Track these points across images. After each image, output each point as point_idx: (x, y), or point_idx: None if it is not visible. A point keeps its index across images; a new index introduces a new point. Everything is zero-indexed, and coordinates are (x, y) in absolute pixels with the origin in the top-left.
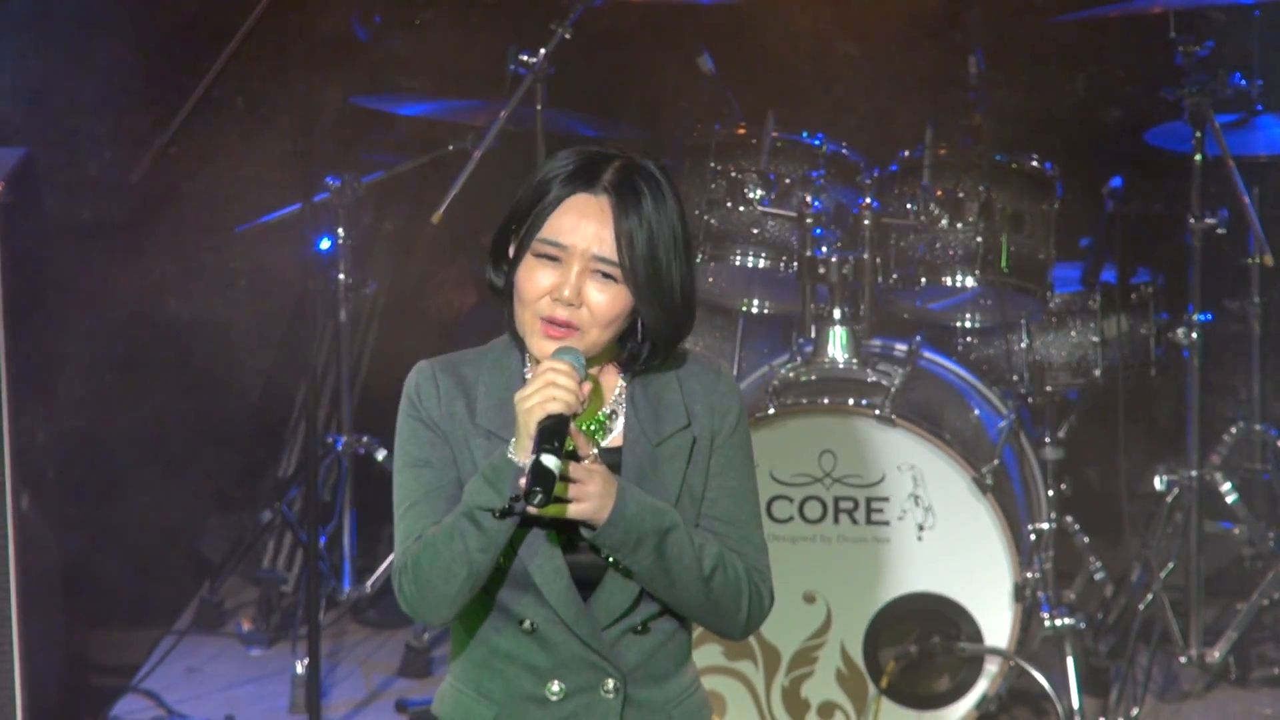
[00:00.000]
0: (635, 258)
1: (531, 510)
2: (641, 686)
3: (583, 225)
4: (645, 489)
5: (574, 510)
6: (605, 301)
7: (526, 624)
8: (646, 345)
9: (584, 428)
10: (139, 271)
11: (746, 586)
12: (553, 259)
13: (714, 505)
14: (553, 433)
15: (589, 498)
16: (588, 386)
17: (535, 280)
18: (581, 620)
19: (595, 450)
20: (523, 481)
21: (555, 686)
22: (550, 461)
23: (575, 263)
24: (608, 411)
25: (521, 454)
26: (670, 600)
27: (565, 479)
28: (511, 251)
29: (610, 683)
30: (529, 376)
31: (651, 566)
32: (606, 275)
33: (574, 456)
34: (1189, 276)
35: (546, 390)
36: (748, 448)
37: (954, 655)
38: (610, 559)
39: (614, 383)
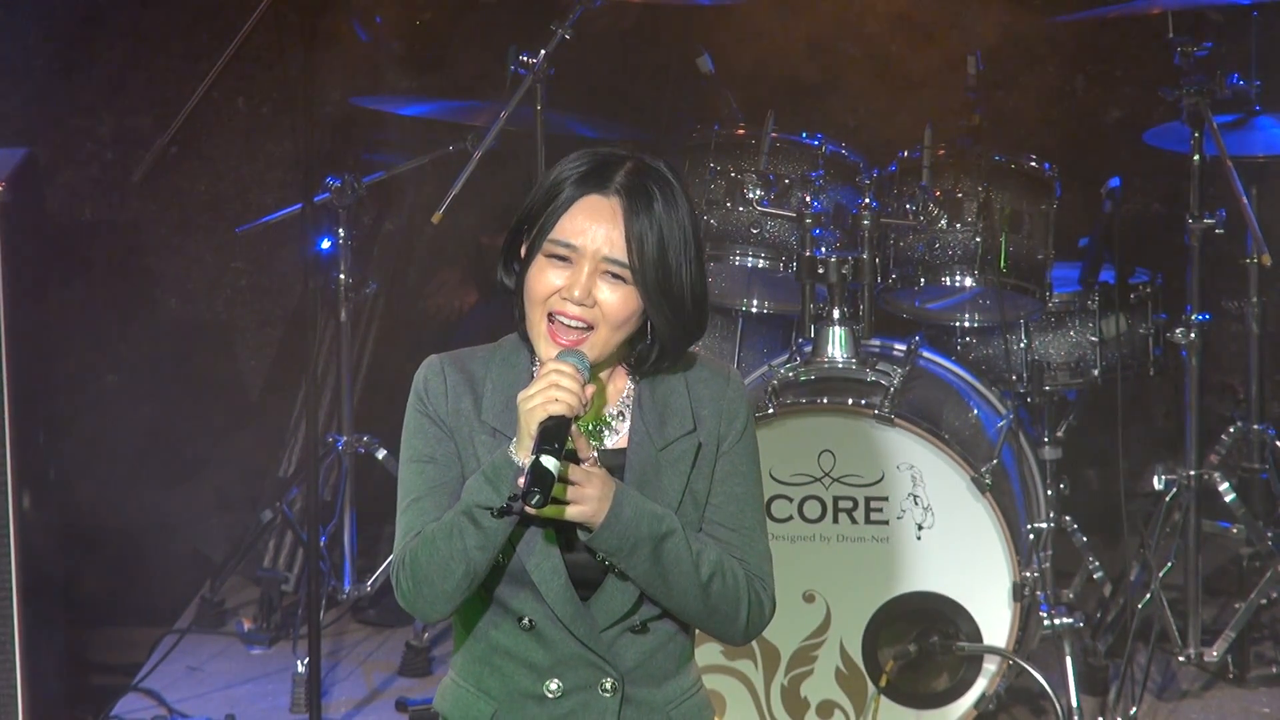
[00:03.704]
0: (645, 260)
1: (529, 510)
2: (640, 686)
3: (593, 227)
4: (647, 493)
5: (570, 512)
6: (616, 301)
7: (525, 621)
8: (655, 348)
9: (585, 429)
10: (139, 271)
11: (746, 594)
12: (563, 259)
13: (718, 511)
14: (554, 434)
15: (586, 500)
16: (591, 389)
17: (545, 279)
18: (579, 620)
19: (595, 453)
20: (520, 480)
21: (554, 684)
22: (550, 463)
23: (585, 263)
24: (614, 413)
25: (522, 453)
26: (665, 603)
27: (564, 480)
28: (523, 252)
29: (608, 682)
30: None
31: (648, 571)
32: (616, 276)
33: (574, 458)
34: (1187, 276)
35: (549, 391)
36: (754, 453)
37: (953, 654)
38: (607, 562)
39: (622, 385)
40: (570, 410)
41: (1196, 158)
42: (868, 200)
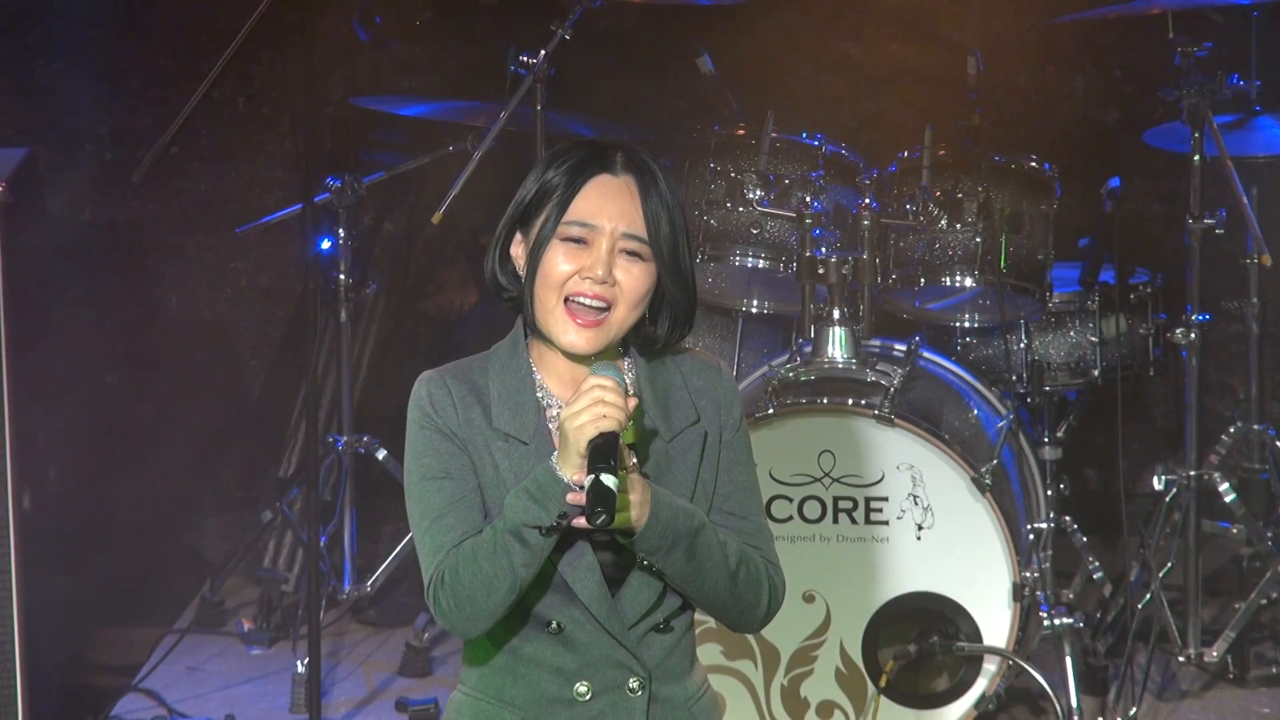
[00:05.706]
0: (662, 234)
1: (590, 526)
2: (663, 684)
3: (609, 205)
4: (661, 484)
5: (619, 519)
6: (634, 278)
7: (553, 625)
8: (666, 324)
9: (632, 436)
10: (139, 271)
11: (766, 579)
12: (579, 241)
13: (727, 500)
14: (606, 451)
15: (632, 507)
16: (633, 402)
17: (562, 262)
18: (612, 617)
19: (634, 460)
20: (570, 497)
21: (582, 687)
22: (609, 481)
23: (604, 241)
24: (651, 428)
25: (569, 471)
26: (697, 597)
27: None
28: (520, 247)
29: (635, 681)
30: (538, 377)
31: (684, 567)
32: (633, 254)
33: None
34: (1187, 277)
35: (597, 409)
36: (749, 442)
37: (953, 654)
38: (644, 561)
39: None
40: (619, 426)
41: (1196, 158)
42: (868, 200)
